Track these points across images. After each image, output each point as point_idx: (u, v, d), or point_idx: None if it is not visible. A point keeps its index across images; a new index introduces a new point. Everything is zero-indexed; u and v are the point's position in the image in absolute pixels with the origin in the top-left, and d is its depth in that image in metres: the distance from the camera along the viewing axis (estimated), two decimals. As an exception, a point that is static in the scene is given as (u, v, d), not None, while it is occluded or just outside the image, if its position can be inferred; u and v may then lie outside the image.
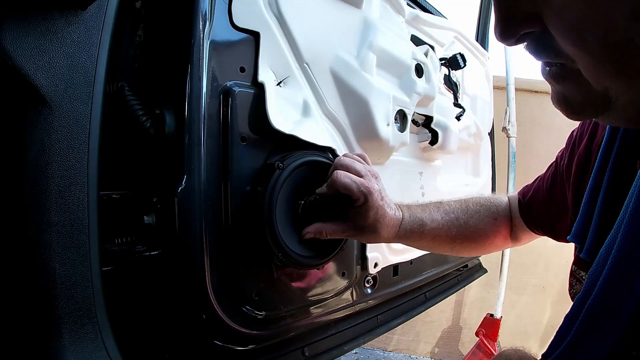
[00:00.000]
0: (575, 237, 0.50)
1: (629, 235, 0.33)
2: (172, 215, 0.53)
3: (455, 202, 0.72)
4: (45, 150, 0.40)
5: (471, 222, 0.71)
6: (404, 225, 0.65)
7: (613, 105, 0.30)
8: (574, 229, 0.50)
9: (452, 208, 0.71)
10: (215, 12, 0.58)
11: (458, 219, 0.70)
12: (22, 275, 0.41)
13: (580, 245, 0.48)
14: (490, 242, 0.73)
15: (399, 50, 0.88)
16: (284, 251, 0.61)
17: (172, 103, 0.55)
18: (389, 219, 0.62)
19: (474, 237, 0.72)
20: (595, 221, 0.46)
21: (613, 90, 0.29)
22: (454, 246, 0.72)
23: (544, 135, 2.23)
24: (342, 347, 0.82)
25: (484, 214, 0.73)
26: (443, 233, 0.69)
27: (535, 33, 0.30)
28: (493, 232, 0.73)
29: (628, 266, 0.33)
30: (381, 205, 0.61)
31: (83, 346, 0.43)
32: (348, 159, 0.63)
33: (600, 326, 0.34)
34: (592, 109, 0.31)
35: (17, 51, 0.37)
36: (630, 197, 0.34)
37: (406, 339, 2.32)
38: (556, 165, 0.65)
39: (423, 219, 0.67)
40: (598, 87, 0.29)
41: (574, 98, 0.32)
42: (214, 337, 0.59)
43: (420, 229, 0.66)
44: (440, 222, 0.68)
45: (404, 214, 0.65)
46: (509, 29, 0.30)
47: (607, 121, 0.33)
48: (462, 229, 0.70)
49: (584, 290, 0.36)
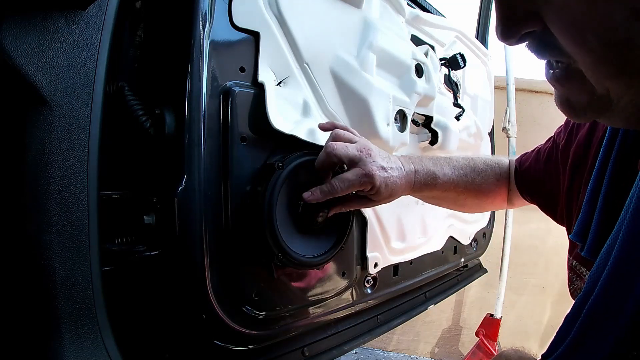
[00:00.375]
0: (576, 236, 0.50)
1: (629, 235, 0.33)
2: (172, 215, 0.53)
3: (464, 159, 0.75)
4: (45, 150, 0.39)
5: (477, 180, 0.74)
6: (418, 178, 0.67)
7: (615, 106, 0.30)
8: (576, 228, 0.50)
9: (461, 164, 0.73)
10: (215, 12, 0.58)
11: (466, 175, 0.73)
12: (22, 275, 0.41)
13: (582, 244, 0.49)
14: (490, 201, 0.77)
15: (399, 50, 0.88)
16: (284, 251, 0.61)
17: (172, 103, 0.55)
18: (400, 182, 0.64)
19: (478, 194, 0.75)
20: (597, 220, 0.46)
21: (614, 92, 0.29)
22: (458, 200, 0.76)
23: (544, 135, 2.21)
24: (342, 347, 0.82)
25: (489, 174, 0.76)
26: (452, 187, 0.71)
27: (536, 32, 0.30)
28: (494, 192, 0.76)
29: (628, 266, 0.33)
30: (387, 177, 0.62)
31: (83, 346, 0.43)
32: (336, 132, 0.65)
33: (601, 326, 0.34)
34: (595, 110, 0.32)
35: (17, 51, 0.37)
36: (631, 198, 0.34)
37: (406, 339, 2.32)
38: (553, 142, 0.66)
39: (435, 172, 0.69)
40: (599, 87, 0.30)
41: (576, 100, 0.32)
42: (214, 337, 0.59)
43: (432, 181, 0.69)
44: (450, 176, 0.71)
45: (416, 167, 0.67)
46: (510, 29, 0.30)
47: (608, 122, 0.33)
48: (468, 185, 0.73)
49: (585, 291, 0.36)
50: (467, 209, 0.81)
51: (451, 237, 1.20)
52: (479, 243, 1.39)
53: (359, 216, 0.83)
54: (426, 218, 1.06)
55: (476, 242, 1.37)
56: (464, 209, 0.81)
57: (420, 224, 1.04)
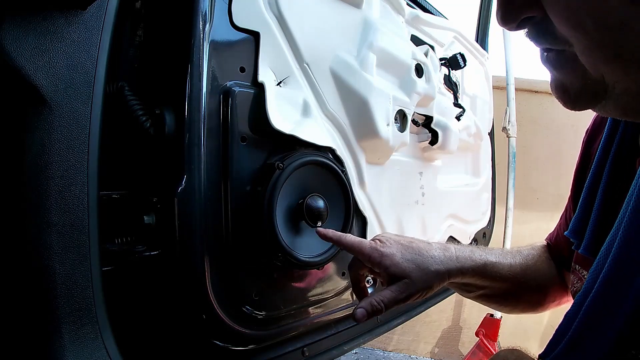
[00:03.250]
0: (572, 233, 0.50)
1: (629, 234, 0.33)
2: (172, 215, 0.53)
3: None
4: (45, 150, 0.39)
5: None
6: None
7: (610, 93, 0.30)
8: (572, 225, 0.50)
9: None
10: (215, 12, 0.58)
11: None
12: (22, 275, 0.40)
13: (579, 241, 0.48)
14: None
15: (399, 50, 0.88)
16: (284, 251, 0.61)
17: (172, 103, 0.55)
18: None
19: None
20: (594, 216, 0.45)
21: (609, 77, 0.29)
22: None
23: (544, 135, 2.23)
24: (342, 347, 0.82)
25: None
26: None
27: (535, 19, 0.31)
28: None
29: (627, 265, 0.33)
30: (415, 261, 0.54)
31: (83, 346, 0.43)
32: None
33: (600, 324, 0.34)
34: (589, 96, 0.32)
35: (17, 51, 0.37)
36: (630, 196, 0.34)
37: (406, 339, 2.32)
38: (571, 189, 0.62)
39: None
40: (594, 73, 0.30)
41: (570, 84, 0.32)
42: (214, 337, 0.59)
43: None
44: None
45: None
46: (510, 13, 0.31)
47: (603, 111, 0.33)
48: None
49: (585, 289, 0.36)
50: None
51: (451, 237, 1.20)
52: (479, 243, 1.39)
53: (359, 216, 0.83)
54: (426, 218, 1.06)
55: (476, 242, 1.37)
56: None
57: (420, 224, 1.04)
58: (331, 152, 0.73)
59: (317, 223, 0.64)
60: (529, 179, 2.22)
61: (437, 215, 1.11)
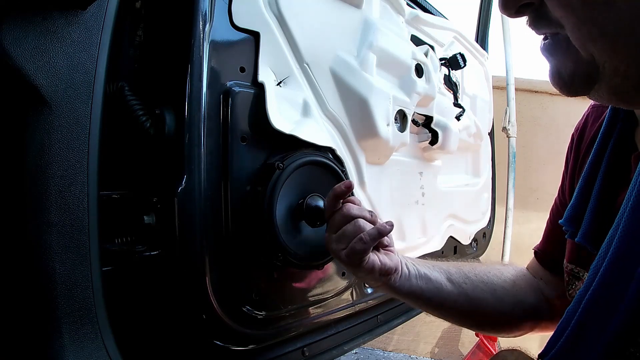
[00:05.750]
0: (568, 221, 0.48)
1: (629, 230, 0.33)
2: (172, 215, 0.53)
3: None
4: (45, 150, 0.39)
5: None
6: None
7: (601, 75, 0.32)
8: (567, 213, 0.49)
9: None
10: (215, 12, 0.58)
11: None
12: (22, 276, 0.41)
13: (574, 230, 0.47)
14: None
15: (399, 50, 0.88)
16: (284, 251, 0.61)
17: (172, 103, 0.55)
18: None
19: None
20: (592, 205, 0.45)
21: (598, 56, 0.31)
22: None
23: (544, 135, 2.23)
24: (342, 347, 0.82)
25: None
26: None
27: (534, 5, 0.33)
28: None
29: (628, 260, 0.33)
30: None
31: (83, 346, 0.43)
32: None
33: (599, 319, 0.34)
34: (582, 79, 0.33)
35: (17, 51, 0.37)
36: (630, 192, 0.35)
37: (406, 339, 2.32)
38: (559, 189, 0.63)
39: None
40: (584, 53, 0.32)
41: (564, 68, 0.34)
42: (214, 337, 0.59)
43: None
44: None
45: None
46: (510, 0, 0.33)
47: (597, 96, 0.35)
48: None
49: (586, 283, 0.36)
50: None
51: (451, 237, 1.20)
52: (479, 243, 1.39)
53: (359, 216, 0.83)
54: (426, 218, 1.06)
55: (476, 242, 1.37)
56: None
57: (420, 224, 1.04)
58: (331, 152, 0.73)
59: (317, 223, 0.64)
60: (529, 179, 2.22)
61: (437, 215, 1.11)
